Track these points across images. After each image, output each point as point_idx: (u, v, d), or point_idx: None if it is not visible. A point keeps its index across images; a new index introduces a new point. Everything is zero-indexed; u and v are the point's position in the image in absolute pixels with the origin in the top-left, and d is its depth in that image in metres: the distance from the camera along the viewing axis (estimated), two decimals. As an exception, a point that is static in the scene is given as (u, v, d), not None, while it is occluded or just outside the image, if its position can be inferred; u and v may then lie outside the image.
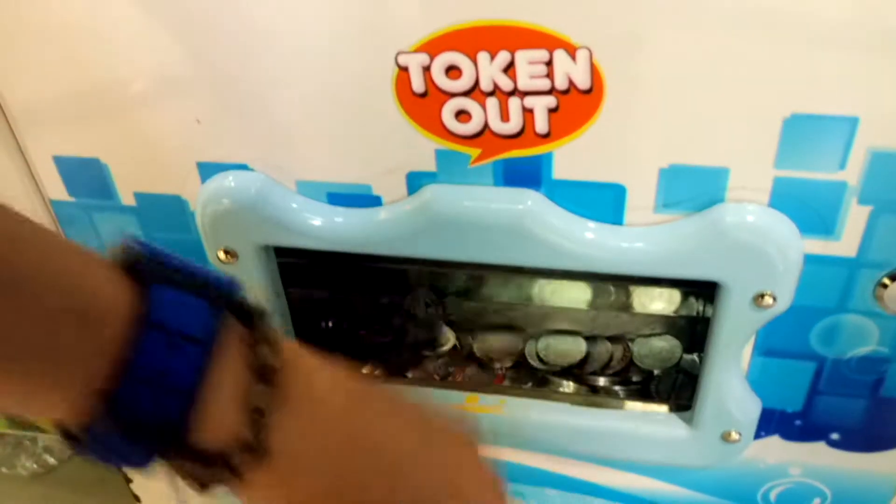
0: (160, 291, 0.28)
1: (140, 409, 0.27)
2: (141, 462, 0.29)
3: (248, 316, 0.30)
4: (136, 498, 0.68)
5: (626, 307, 0.59)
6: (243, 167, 0.43)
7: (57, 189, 0.47)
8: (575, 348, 0.58)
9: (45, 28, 0.40)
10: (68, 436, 0.29)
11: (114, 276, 0.28)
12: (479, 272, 0.58)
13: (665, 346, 0.58)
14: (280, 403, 0.30)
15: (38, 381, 0.27)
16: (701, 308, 0.56)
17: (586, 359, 0.58)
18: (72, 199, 0.48)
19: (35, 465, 1.00)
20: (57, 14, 0.40)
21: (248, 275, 0.46)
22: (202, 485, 0.30)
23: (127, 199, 0.46)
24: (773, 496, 0.52)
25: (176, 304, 0.29)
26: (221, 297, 0.30)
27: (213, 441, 0.29)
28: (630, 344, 0.58)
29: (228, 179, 0.43)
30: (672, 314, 0.58)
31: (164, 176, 0.45)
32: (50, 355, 0.27)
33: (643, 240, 0.40)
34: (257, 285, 0.47)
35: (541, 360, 0.58)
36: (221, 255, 0.45)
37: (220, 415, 0.29)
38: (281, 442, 0.30)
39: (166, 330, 0.28)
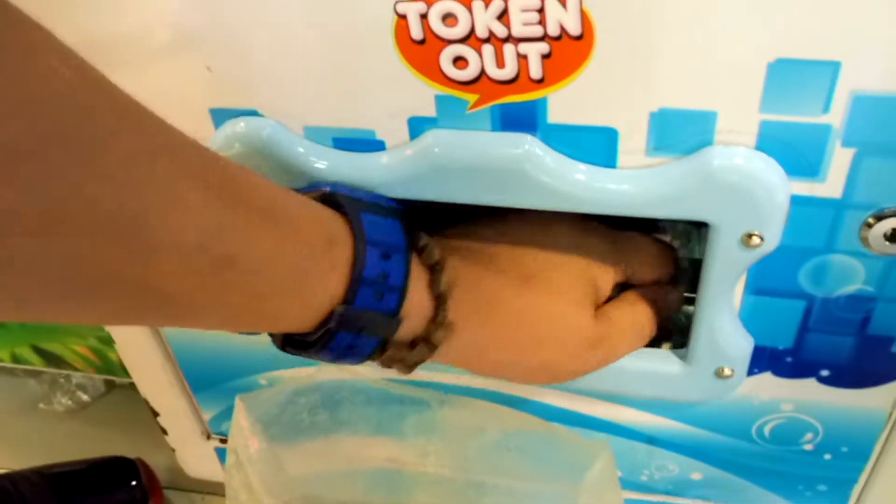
0: (367, 217, 0.38)
1: (370, 306, 0.37)
2: (364, 354, 0.39)
3: (413, 232, 0.41)
4: (164, 430, 0.71)
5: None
6: (254, 113, 0.45)
7: (79, 136, 0.49)
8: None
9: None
10: (297, 345, 0.39)
11: (330, 211, 0.38)
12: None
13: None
14: (452, 287, 0.40)
15: (291, 299, 0.36)
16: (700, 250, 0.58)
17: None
18: (93, 146, 0.50)
19: (70, 402, 1.05)
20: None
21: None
22: (409, 366, 0.41)
23: (145, 145, 0.49)
24: (766, 431, 0.54)
25: (380, 225, 0.39)
26: (401, 216, 0.41)
27: (416, 325, 0.40)
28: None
29: (240, 125, 0.45)
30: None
31: (178, 122, 0.47)
32: (303, 276, 0.35)
33: (633, 181, 0.41)
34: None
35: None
36: (235, 198, 0.48)
37: (418, 303, 0.40)
38: (459, 316, 0.41)
39: (379, 244, 0.38)
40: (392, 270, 0.38)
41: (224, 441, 0.71)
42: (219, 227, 0.31)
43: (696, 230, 0.53)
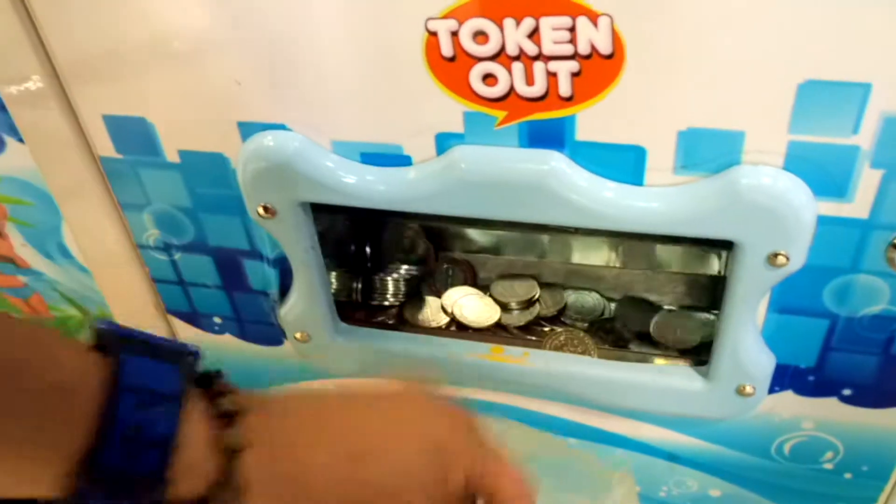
0: (128, 359, 0.31)
1: (122, 465, 0.30)
2: None
3: (207, 376, 0.34)
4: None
5: (650, 266, 0.60)
6: (282, 127, 0.46)
7: (106, 146, 0.50)
8: (599, 304, 0.60)
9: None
10: None
11: (87, 353, 0.31)
12: (503, 232, 0.60)
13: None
14: (246, 442, 0.33)
15: (29, 455, 0.29)
16: (722, 268, 0.58)
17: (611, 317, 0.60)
18: (120, 156, 0.50)
19: None
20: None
21: (285, 229, 0.49)
22: None
23: (171, 157, 0.49)
24: (786, 449, 0.54)
25: (144, 369, 0.31)
26: (184, 361, 0.33)
27: (193, 488, 0.32)
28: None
29: (268, 139, 0.46)
30: (693, 272, 0.59)
31: (207, 134, 0.47)
32: (38, 430, 0.29)
33: (661, 200, 0.42)
34: (294, 239, 0.49)
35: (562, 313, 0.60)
36: (261, 210, 0.48)
37: (195, 461, 0.31)
38: (252, 474, 0.33)
39: (137, 391, 0.30)
40: (154, 421, 0.31)
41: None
42: None
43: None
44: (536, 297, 0.61)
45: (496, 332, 0.60)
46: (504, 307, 0.61)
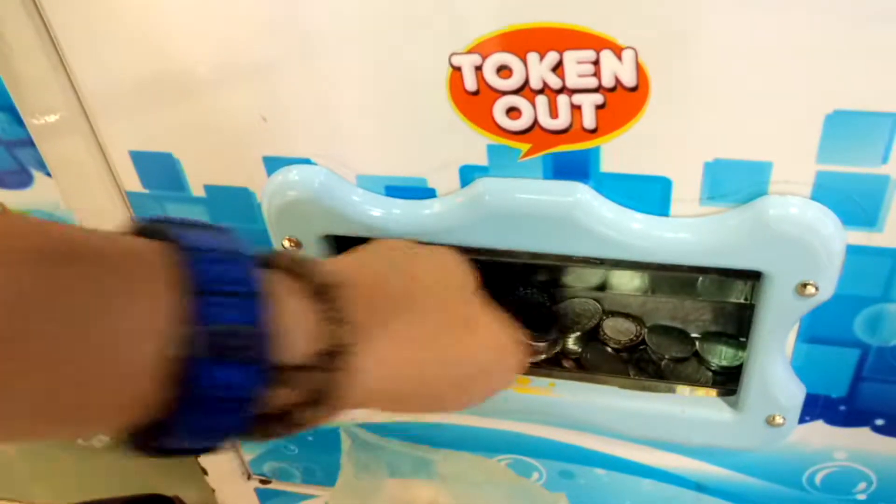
0: (190, 233, 0.29)
1: (226, 320, 0.27)
2: (245, 398, 0.28)
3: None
4: (204, 471, 0.72)
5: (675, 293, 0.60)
6: (307, 161, 0.46)
7: (132, 181, 0.50)
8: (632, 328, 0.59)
9: (120, 25, 0.43)
10: (139, 439, 0.28)
11: (144, 240, 0.29)
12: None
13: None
14: (348, 300, 0.31)
15: (125, 366, 0.26)
16: (749, 294, 0.57)
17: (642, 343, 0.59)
18: (146, 191, 0.51)
19: (108, 438, 1.05)
20: (133, 12, 0.42)
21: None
22: (310, 422, 0.30)
23: (197, 191, 0.49)
24: (818, 480, 0.53)
25: (208, 239, 0.29)
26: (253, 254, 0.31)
27: (306, 345, 0.30)
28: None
29: (293, 173, 0.46)
30: (723, 300, 0.59)
31: (232, 169, 0.48)
32: (117, 317, 0.26)
33: (689, 231, 0.41)
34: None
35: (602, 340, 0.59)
36: (286, 243, 0.48)
37: (296, 316, 0.30)
38: (365, 320, 0.32)
39: (208, 250, 0.28)
40: (234, 273, 0.28)
41: (264, 482, 0.71)
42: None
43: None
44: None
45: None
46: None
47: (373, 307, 0.33)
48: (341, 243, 0.49)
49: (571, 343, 0.59)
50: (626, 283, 0.61)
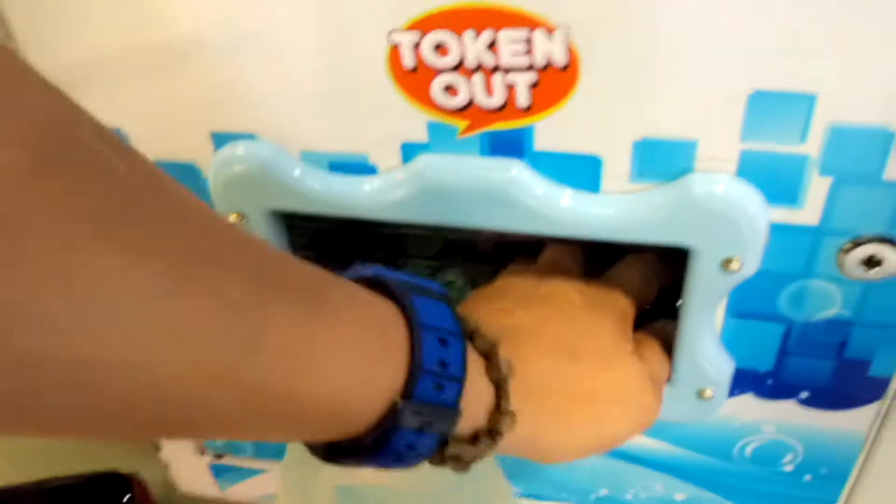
0: (419, 300, 0.34)
1: (432, 400, 0.33)
2: (424, 454, 0.34)
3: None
4: (157, 447, 0.72)
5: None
6: (252, 137, 0.47)
7: (81, 155, 0.51)
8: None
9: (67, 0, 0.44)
10: (345, 452, 0.34)
11: (378, 296, 0.34)
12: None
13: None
14: (509, 371, 0.37)
15: (340, 400, 0.31)
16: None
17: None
18: (95, 165, 0.51)
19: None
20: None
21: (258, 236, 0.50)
22: (466, 463, 0.36)
23: (146, 165, 0.50)
24: (748, 451, 0.55)
25: (432, 308, 0.34)
26: (449, 300, 0.36)
27: (475, 417, 0.36)
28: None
29: (239, 148, 0.47)
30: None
31: (180, 144, 0.48)
32: (353, 370, 0.31)
33: (616, 207, 0.43)
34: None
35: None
36: (233, 217, 0.49)
37: (475, 393, 0.35)
38: (518, 402, 0.37)
39: (434, 329, 0.33)
40: (450, 357, 0.34)
41: (217, 457, 0.72)
42: (252, 348, 0.27)
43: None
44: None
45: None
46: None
47: (526, 396, 0.39)
48: (288, 218, 0.50)
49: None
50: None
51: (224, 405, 0.27)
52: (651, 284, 0.51)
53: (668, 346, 0.49)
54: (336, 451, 0.34)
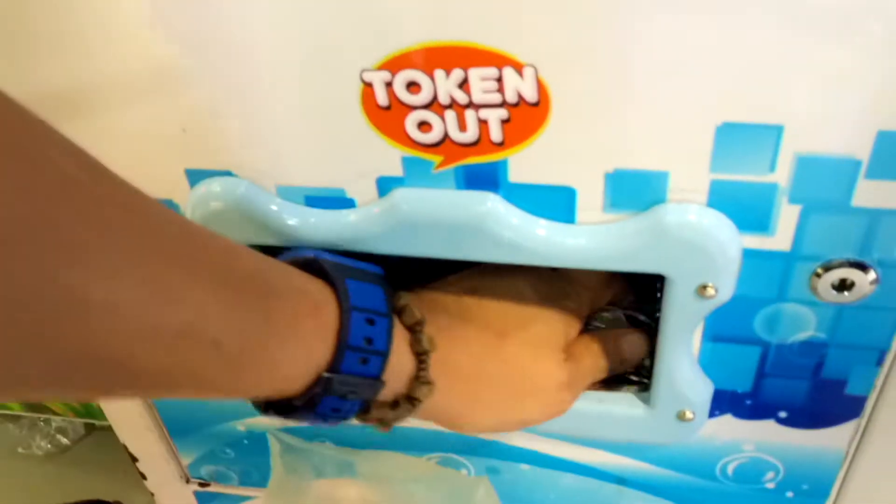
0: (352, 284, 0.39)
1: (356, 372, 0.38)
2: (348, 416, 0.40)
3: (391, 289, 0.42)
4: (143, 476, 0.72)
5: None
6: (228, 173, 0.47)
7: (58, 193, 0.51)
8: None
9: (37, 33, 0.44)
10: (280, 409, 0.39)
11: (314, 279, 0.39)
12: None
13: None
14: (432, 346, 0.42)
15: (275, 369, 0.35)
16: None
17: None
18: (72, 203, 0.51)
19: (49, 446, 1.05)
20: (50, 19, 0.43)
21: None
22: (388, 424, 0.42)
23: (123, 202, 0.50)
24: (729, 470, 0.56)
25: (364, 291, 0.39)
26: (383, 281, 0.41)
27: (398, 385, 0.41)
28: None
29: (215, 184, 0.47)
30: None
31: (156, 181, 0.49)
32: (288, 346, 0.36)
33: (591, 237, 0.43)
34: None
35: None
36: (211, 253, 0.49)
37: (399, 364, 0.41)
38: (440, 373, 0.42)
39: (363, 310, 0.38)
40: (376, 335, 0.38)
41: (203, 485, 0.72)
42: (202, 314, 0.31)
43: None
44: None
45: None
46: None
47: (446, 371, 0.43)
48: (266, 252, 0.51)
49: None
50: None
51: (176, 361, 0.31)
52: (608, 288, 0.54)
53: (620, 353, 0.51)
54: (272, 407, 0.39)
